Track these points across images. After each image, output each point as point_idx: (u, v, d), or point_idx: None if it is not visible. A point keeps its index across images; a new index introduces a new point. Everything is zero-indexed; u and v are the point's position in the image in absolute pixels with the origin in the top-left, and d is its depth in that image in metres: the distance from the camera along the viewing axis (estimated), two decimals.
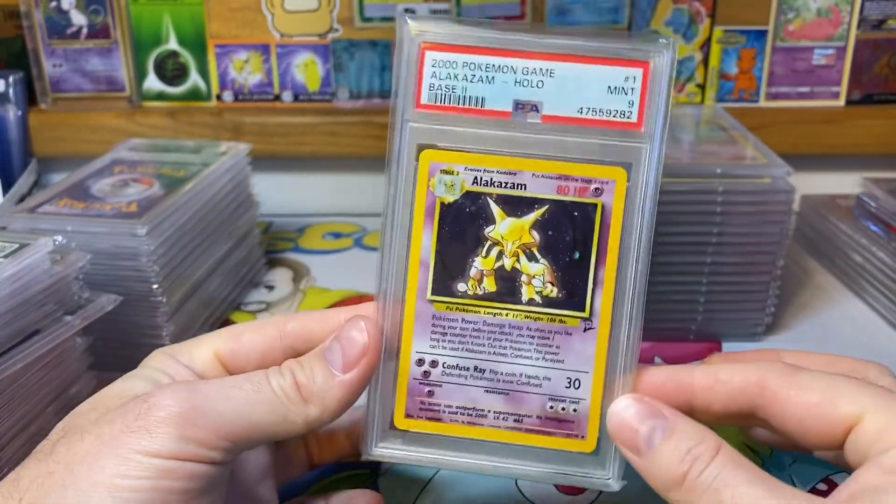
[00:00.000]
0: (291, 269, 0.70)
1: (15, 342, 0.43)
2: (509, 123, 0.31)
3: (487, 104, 0.31)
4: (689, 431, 0.28)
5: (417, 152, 0.31)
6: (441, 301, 0.31)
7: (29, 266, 0.43)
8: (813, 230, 0.71)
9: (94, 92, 0.79)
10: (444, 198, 0.31)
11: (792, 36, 0.76)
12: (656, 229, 0.54)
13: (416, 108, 0.31)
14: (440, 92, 0.31)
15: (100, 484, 0.27)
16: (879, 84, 0.78)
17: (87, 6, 0.76)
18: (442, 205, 0.31)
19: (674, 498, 0.27)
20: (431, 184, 0.31)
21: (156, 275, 0.51)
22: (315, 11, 0.77)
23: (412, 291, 0.31)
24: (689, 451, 0.27)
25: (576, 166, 0.30)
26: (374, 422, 0.33)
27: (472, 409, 0.32)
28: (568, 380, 0.31)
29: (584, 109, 0.30)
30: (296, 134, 0.78)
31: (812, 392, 0.27)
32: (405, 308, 0.32)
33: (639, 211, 0.31)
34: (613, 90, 0.30)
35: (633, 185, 0.31)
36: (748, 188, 0.54)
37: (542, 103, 0.31)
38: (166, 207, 0.53)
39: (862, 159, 0.78)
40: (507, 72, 0.30)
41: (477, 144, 0.31)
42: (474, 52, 0.30)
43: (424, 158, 0.31)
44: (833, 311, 0.63)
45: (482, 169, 0.31)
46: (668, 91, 0.30)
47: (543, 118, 0.31)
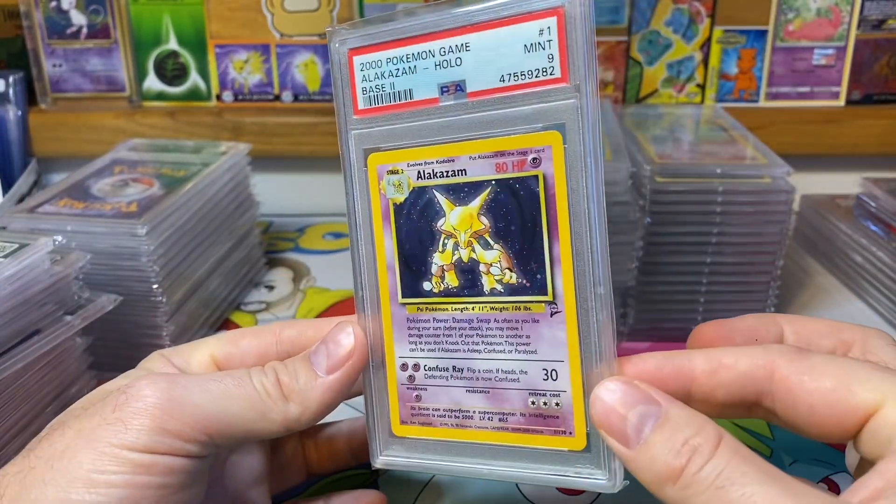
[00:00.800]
0: (291, 269, 0.70)
1: (15, 342, 0.43)
2: (438, 109, 0.29)
3: (415, 95, 0.30)
4: (686, 419, 0.24)
5: (365, 157, 0.31)
6: (411, 303, 0.31)
7: (29, 266, 0.43)
8: (813, 230, 0.71)
9: (94, 92, 0.79)
10: (395, 198, 0.30)
11: (792, 36, 0.76)
12: (655, 229, 0.54)
13: (355, 115, 0.31)
14: (373, 94, 0.30)
15: (77, 479, 0.27)
16: (879, 84, 0.78)
17: (86, 6, 0.76)
18: (395, 205, 0.30)
19: (669, 496, 0.24)
20: (381, 186, 0.30)
21: (156, 275, 0.51)
22: (315, 11, 0.77)
23: (385, 296, 0.31)
24: (687, 441, 0.24)
25: (508, 139, 0.28)
26: (375, 431, 0.33)
27: (457, 410, 0.31)
28: (544, 371, 0.29)
29: (505, 77, 0.28)
30: (296, 134, 0.78)
31: (826, 377, 0.25)
32: (382, 314, 0.31)
33: (583, 174, 0.27)
34: (530, 48, 0.27)
35: (571, 147, 0.27)
36: (748, 188, 0.54)
37: (464, 81, 0.29)
38: (166, 207, 0.53)
39: (862, 159, 0.78)
40: (426, 57, 0.29)
41: (414, 138, 0.30)
42: (393, 46, 0.30)
43: (372, 162, 0.31)
44: (833, 311, 0.63)
45: (423, 162, 0.30)
46: (590, 36, 0.27)
47: (469, 95, 0.29)
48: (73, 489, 0.27)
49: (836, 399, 0.24)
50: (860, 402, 0.24)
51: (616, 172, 0.53)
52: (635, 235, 0.54)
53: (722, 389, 0.26)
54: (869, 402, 0.24)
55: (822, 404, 0.25)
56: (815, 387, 0.25)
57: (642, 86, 0.78)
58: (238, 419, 0.30)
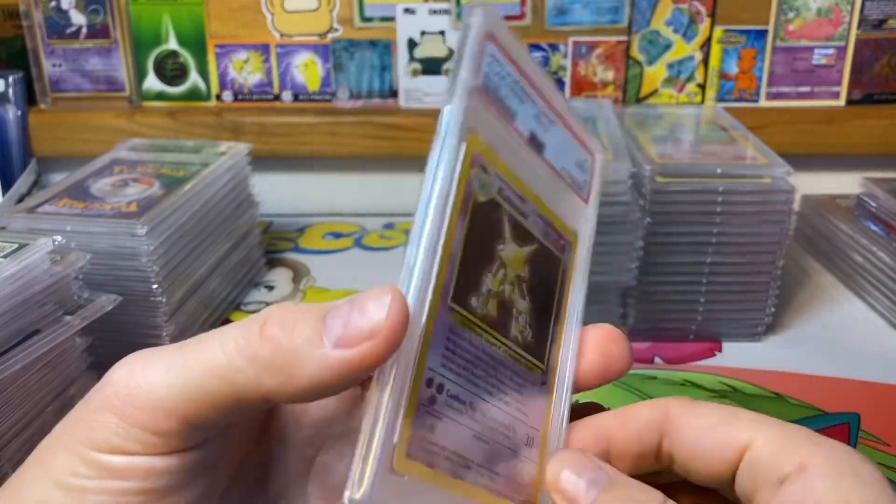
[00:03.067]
0: (291, 269, 0.70)
1: (15, 342, 0.43)
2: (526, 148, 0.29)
3: (516, 122, 0.29)
4: (632, 483, 0.26)
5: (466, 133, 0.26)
6: (458, 311, 0.26)
7: (29, 266, 0.43)
8: (813, 230, 0.72)
9: (93, 92, 0.79)
10: (477, 195, 0.27)
11: (792, 36, 0.76)
12: (656, 229, 0.54)
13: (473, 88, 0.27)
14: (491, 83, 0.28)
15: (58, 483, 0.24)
16: (880, 84, 0.78)
17: (86, 6, 0.76)
18: (475, 202, 0.27)
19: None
20: (472, 174, 0.26)
21: (155, 275, 0.51)
22: (315, 11, 0.77)
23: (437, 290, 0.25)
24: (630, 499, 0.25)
25: (556, 218, 0.30)
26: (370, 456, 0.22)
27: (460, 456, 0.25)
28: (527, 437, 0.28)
29: (565, 170, 0.31)
30: (296, 134, 0.78)
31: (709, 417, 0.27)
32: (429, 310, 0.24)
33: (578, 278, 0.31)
34: (580, 165, 0.32)
35: (579, 252, 0.31)
36: (748, 188, 0.54)
37: (545, 146, 0.30)
38: (166, 207, 0.53)
39: (862, 159, 0.78)
40: (530, 102, 0.29)
41: (507, 154, 0.28)
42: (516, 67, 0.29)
43: (471, 143, 0.26)
44: (833, 310, 0.63)
45: (506, 181, 0.28)
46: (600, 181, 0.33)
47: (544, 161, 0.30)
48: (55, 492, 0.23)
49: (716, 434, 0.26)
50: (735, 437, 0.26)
51: (616, 173, 0.53)
52: (635, 235, 0.54)
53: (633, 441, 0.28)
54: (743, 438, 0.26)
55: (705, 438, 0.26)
56: (699, 424, 0.27)
57: (642, 86, 0.78)
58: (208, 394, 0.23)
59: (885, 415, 0.50)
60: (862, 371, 0.54)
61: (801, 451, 0.24)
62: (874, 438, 0.48)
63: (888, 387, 0.53)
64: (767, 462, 0.25)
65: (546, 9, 0.76)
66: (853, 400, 0.51)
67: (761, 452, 0.25)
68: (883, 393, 0.52)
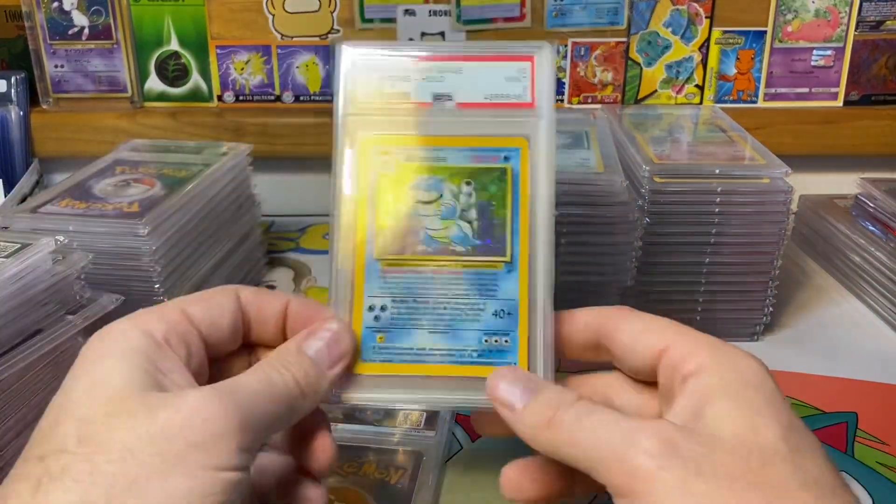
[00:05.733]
0: (293, 268, 0.70)
1: (17, 342, 0.43)
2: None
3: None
4: (556, 388, 0.32)
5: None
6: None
7: (31, 266, 0.43)
8: (811, 230, 0.72)
9: (95, 92, 0.80)
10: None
11: (790, 37, 0.77)
12: (654, 230, 0.55)
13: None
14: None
15: None
16: (877, 85, 0.78)
17: (88, 7, 0.77)
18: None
19: (542, 439, 0.31)
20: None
21: (157, 274, 0.51)
22: (316, 12, 0.77)
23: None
24: (556, 398, 0.31)
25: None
26: None
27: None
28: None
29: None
30: (297, 134, 0.78)
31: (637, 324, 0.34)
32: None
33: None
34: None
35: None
36: (746, 188, 0.54)
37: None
38: (168, 207, 0.53)
39: (860, 160, 0.79)
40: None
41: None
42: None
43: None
44: (831, 310, 0.63)
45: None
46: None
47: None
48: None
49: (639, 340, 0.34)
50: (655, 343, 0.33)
51: (610, 185, 0.53)
52: (634, 235, 0.55)
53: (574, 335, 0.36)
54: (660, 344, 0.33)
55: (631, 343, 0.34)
56: (629, 328, 0.34)
57: (641, 86, 0.79)
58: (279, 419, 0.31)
59: (883, 414, 0.50)
60: (860, 371, 0.54)
61: (703, 354, 0.31)
62: (872, 438, 0.48)
63: (886, 386, 0.53)
64: (676, 364, 0.31)
65: (545, 10, 0.76)
66: (851, 399, 0.52)
67: (672, 356, 0.32)
68: (881, 392, 0.53)
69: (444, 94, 0.38)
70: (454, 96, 0.38)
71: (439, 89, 0.38)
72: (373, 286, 0.36)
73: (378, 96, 0.38)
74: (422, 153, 0.37)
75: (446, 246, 0.37)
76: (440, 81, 0.38)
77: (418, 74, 0.38)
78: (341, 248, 0.37)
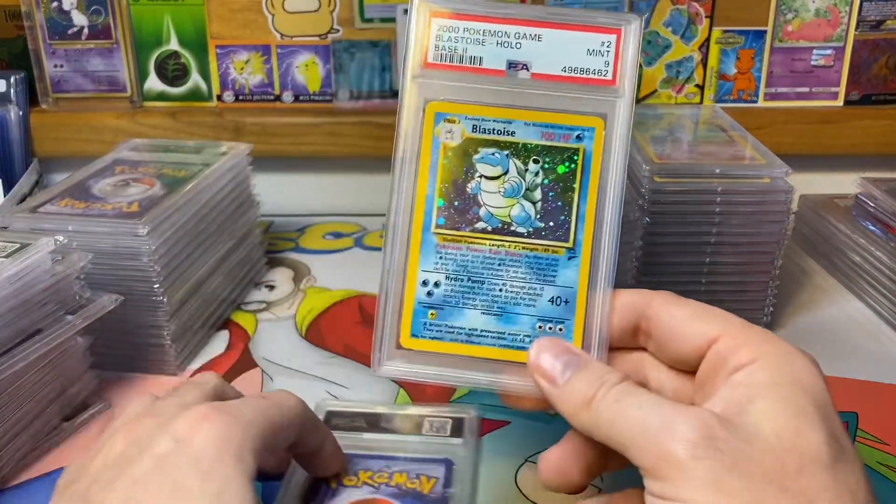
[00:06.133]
0: (292, 268, 0.70)
1: (16, 342, 0.43)
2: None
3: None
4: (599, 366, 0.32)
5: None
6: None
7: (30, 266, 0.43)
8: (811, 230, 0.72)
9: (95, 92, 0.80)
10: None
11: (790, 36, 0.77)
12: (654, 229, 0.55)
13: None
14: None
15: None
16: (878, 84, 0.78)
17: (88, 7, 0.77)
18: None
19: (583, 418, 0.30)
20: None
21: (157, 274, 0.51)
22: (315, 12, 0.77)
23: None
24: (598, 377, 0.31)
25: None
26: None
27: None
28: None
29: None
30: (296, 134, 0.78)
31: (686, 309, 0.33)
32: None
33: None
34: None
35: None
36: (747, 188, 0.54)
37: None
38: (167, 207, 0.53)
39: (860, 159, 0.79)
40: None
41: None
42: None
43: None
44: (831, 310, 0.63)
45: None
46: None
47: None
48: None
49: (689, 326, 0.32)
50: (706, 330, 0.31)
51: None
52: (634, 235, 0.54)
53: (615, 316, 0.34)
54: (713, 330, 0.31)
55: (681, 327, 0.32)
56: (678, 313, 0.33)
57: (641, 86, 0.79)
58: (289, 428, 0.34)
59: (883, 414, 0.50)
60: (860, 370, 0.54)
61: (756, 347, 0.30)
62: (872, 437, 0.48)
63: (886, 386, 0.53)
64: (726, 354, 0.30)
65: None
66: (851, 399, 0.52)
67: (725, 346, 0.31)
68: (881, 392, 0.53)
69: (520, 62, 0.36)
70: (530, 66, 0.36)
71: (515, 56, 0.36)
72: (428, 260, 0.35)
73: (449, 58, 0.36)
74: (490, 124, 0.35)
75: (507, 225, 0.35)
76: (517, 48, 0.35)
77: (493, 38, 0.36)
78: (397, 217, 0.35)
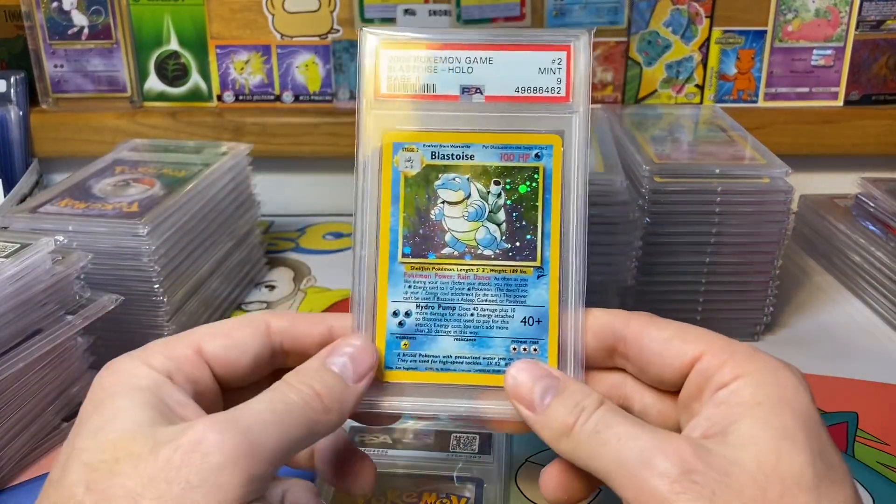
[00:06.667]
0: (292, 268, 0.70)
1: (16, 342, 0.43)
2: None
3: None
4: (578, 389, 0.31)
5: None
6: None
7: (30, 266, 0.43)
8: (811, 230, 0.72)
9: (95, 92, 0.80)
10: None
11: (790, 36, 0.77)
12: (654, 229, 0.55)
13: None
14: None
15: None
16: (878, 84, 0.78)
17: (88, 7, 0.77)
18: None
19: (563, 447, 0.30)
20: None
21: (157, 274, 0.51)
22: (315, 12, 0.77)
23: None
24: (577, 404, 0.30)
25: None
26: None
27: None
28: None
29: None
30: (296, 134, 0.78)
31: (665, 330, 0.32)
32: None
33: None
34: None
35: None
36: (747, 188, 0.54)
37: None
38: (167, 207, 0.53)
39: (860, 159, 0.79)
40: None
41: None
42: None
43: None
44: (831, 310, 0.63)
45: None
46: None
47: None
48: None
49: (669, 347, 0.32)
50: (687, 350, 0.31)
51: (611, 185, 0.53)
52: (634, 235, 0.54)
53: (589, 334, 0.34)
54: (695, 349, 0.31)
55: (661, 349, 0.32)
56: (657, 335, 0.32)
57: (641, 86, 0.79)
58: (295, 441, 0.30)
59: (884, 414, 0.50)
60: (860, 370, 0.54)
61: (739, 364, 0.30)
62: (872, 438, 0.48)
63: (886, 386, 0.53)
64: (709, 373, 0.30)
65: (545, 10, 0.76)
66: (851, 399, 0.52)
67: (707, 364, 0.30)
68: (881, 392, 0.53)
69: (473, 87, 0.36)
70: (484, 89, 0.36)
71: (468, 81, 0.36)
72: (397, 290, 0.35)
73: (402, 88, 0.36)
74: (448, 150, 0.36)
75: (473, 249, 0.35)
76: (469, 73, 0.36)
77: (445, 64, 0.36)
78: (363, 249, 0.35)
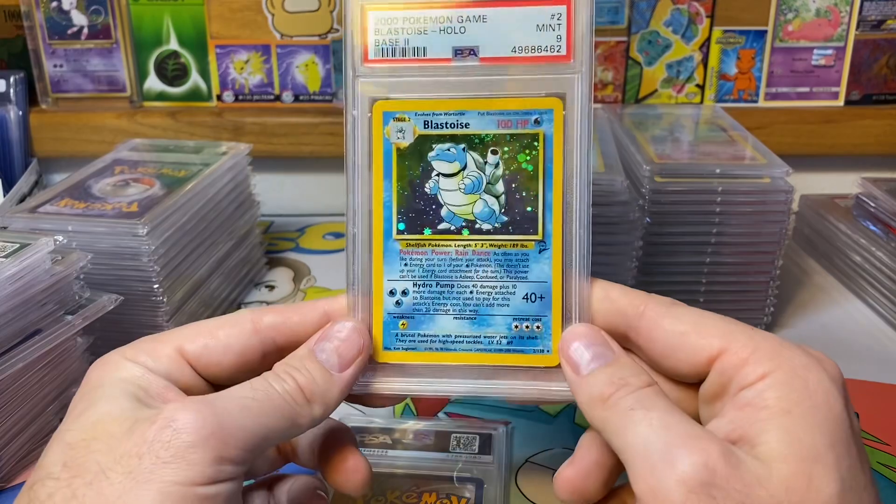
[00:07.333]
0: (292, 268, 0.70)
1: (16, 342, 0.43)
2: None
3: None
4: (629, 365, 0.30)
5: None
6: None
7: (30, 266, 0.43)
8: (812, 230, 0.72)
9: (94, 92, 0.80)
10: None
11: (791, 36, 0.77)
12: (654, 229, 0.55)
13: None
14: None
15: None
16: (878, 84, 0.78)
17: (87, 6, 0.76)
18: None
19: (595, 415, 0.29)
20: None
21: (156, 274, 0.51)
22: (315, 12, 0.77)
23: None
24: (622, 377, 0.29)
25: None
26: None
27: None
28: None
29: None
30: (296, 134, 0.78)
31: (683, 322, 0.30)
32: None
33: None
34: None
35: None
36: (747, 188, 0.54)
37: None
38: (167, 207, 0.53)
39: (861, 159, 0.79)
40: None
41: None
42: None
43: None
44: (832, 310, 0.63)
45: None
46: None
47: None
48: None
49: (688, 342, 0.29)
50: (706, 345, 0.29)
51: (612, 184, 0.53)
52: (634, 235, 0.54)
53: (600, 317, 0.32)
54: (714, 346, 0.29)
55: (673, 344, 0.30)
56: (672, 328, 0.30)
57: (642, 86, 0.79)
58: (275, 430, 0.30)
59: (884, 414, 0.50)
60: (861, 370, 0.54)
61: (765, 361, 0.27)
62: (873, 438, 0.48)
63: (887, 386, 0.53)
64: (734, 373, 0.28)
65: None
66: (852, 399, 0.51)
67: (729, 363, 0.28)
68: (882, 392, 0.53)
69: (467, 48, 0.33)
70: (478, 50, 0.33)
71: (460, 42, 0.33)
72: (392, 269, 0.33)
73: (391, 52, 0.33)
74: (442, 118, 0.33)
75: (471, 224, 0.33)
76: (461, 33, 0.33)
77: (436, 25, 0.33)
78: (356, 227, 0.33)
